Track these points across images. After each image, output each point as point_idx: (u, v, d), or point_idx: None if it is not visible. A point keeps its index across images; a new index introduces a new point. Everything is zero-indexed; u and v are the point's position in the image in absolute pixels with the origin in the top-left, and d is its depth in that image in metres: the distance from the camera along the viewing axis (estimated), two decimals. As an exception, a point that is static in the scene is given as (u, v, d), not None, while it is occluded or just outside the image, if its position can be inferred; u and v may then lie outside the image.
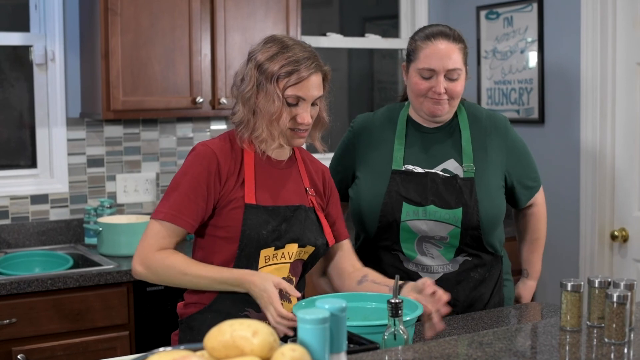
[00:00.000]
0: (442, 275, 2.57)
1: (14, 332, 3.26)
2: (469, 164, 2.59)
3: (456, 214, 2.53)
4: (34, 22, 4.00)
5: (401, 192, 2.56)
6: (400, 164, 2.61)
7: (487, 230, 2.57)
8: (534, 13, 4.43)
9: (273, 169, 2.37)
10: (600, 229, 4.13)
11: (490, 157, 2.64)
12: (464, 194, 2.55)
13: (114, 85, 3.69)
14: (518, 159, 2.71)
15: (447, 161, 2.61)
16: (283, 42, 2.31)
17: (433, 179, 2.57)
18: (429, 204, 2.54)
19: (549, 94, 4.39)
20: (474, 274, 2.60)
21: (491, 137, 2.66)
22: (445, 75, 2.53)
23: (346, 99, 5.13)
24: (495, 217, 2.59)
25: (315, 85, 2.29)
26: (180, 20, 3.83)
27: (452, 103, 2.58)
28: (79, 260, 3.74)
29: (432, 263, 2.57)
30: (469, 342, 1.93)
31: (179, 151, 4.27)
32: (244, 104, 2.31)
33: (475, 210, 2.54)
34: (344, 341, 1.63)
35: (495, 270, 2.68)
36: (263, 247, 2.29)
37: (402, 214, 2.55)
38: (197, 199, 2.27)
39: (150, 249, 2.27)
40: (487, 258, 2.64)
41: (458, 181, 2.57)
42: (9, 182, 3.94)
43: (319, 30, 4.81)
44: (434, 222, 2.54)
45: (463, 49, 2.57)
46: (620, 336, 1.93)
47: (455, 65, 2.53)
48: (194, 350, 1.65)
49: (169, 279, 2.28)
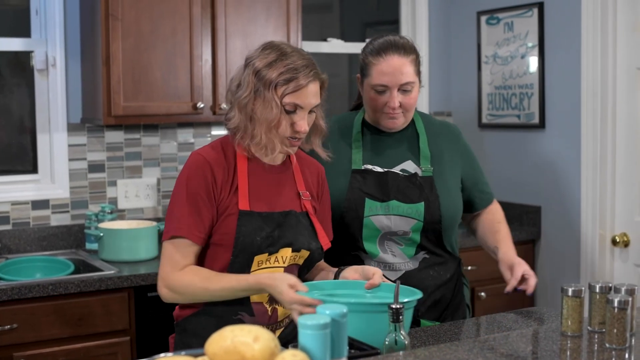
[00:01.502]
0: (403, 272, 2.61)
1: (15, 338, 3.26)
2: (426, 165, 2.66)
3: (418, 208, 2.59)
4: (35, 28, 4.00)
5: (363, 189, 2.61)
6: (360, 164, 2.66)
7: (447, 225, 2.63)
8: (534, 18, 4.44)
9: (266, 174, 2.37)
10: (601, 233, 4.13)
11: (446, 160, 2.71)
12: (424, 189, 2.61)
13: (115, 91, 3.69)
14: (471, 164, 2.80)
15: (404, 162, 2.67)
16: (281, 49, 2.30)
17: (394, 177, 2.63)
18: (391, 199, 2.59)
19: (550, 99, 4.39)
20: (433, 272, 2.65)
21: (446, 142, 2.74)
22: (399, 89, 2.58)
23: (347, 105, 5.13)
24: (454, 214, 2.67)
25: (313, 94, 2.29)
26: (181, 25, 3.83)
27: (407, 115, 2.65)
28: (80, 265, 3.74)
29: (394, 261, 2.62)
30: (469, 347, 1.93)
31: (179, 156, 4.27)
32: (240, 110, 2.30)
33: (437, 205, 2.60)
34: (344, 347, 1.63)
35: (453, 269, 2.72)
36: (257, 254, 2.30)
37: (365, 209, 2.59)
38: (200, 210, 2.28)
39: (170, 271, 2.29)
40: (446, 256, 2.69)
41: (418, 178, 2.63)
42: (9, 187, 3.95)
43: (319, 36, 4.81)
44: (397, 217, 2.58)
45: (415, 60, 2.61)
46: (621, 341, 1.92)
47: (408, 79, 2.57)
48: (195, 355, 1.65)
49: (194, 296, 2.30)
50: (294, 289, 2.15)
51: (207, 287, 2.26)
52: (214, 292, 2.26)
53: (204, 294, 2.27)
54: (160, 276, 2.31)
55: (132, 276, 3.45)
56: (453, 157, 2.73)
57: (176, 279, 2.27)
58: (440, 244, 2.66)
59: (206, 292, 2.27)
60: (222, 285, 2.25)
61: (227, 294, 2.27)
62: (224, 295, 2.27)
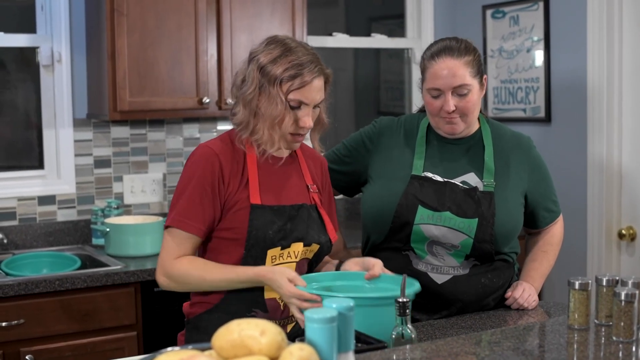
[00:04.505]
0: (452, 276, 2.56)
1: (22, 333, 3.26)
2: (489, 180, 2.57)
3: (471, 224, 2.51)
4: (40, 24, 4.00)
5: (418, 196, 2.54)
6: (420, 171, 2.59)
7: (499, 243, 2.55)
8: (540, 12, 4.43)
9: (275, 167, 2.36)
10: (607, 227, 4.12)
11: (511, 175, 2.61)
12: (482, 205, 2.52)
13: (121, 86, 3.70)
14: (540, 180, 2.68)
15: (467, 174, 2.59)
16: (286, 44, 2.29)
17: (452, 188, 2.55)
18: (445, 210, 2.52)
19: (556, 93, 4.38)
20: (484, 279, 2.58)
21: (514, 155, 2.64)
22: (454, 92, 2.51)
23: (352, 99, 5.13)
24: (508, 233, 2.57)
25: (318, 89, 2.28)
26: (186, 20, 3.83)
27: (467, 119, 2.56)
28: (86, 261, 3.75)
29: (442, 264, 2.56)
30: (476, 341, 1.93)
31: (185, 151, 4.27)
32: (245, 106, 2.29)
33: (491, 223, 2.51)
34: (351, 340, 1.63)
35: (506, 276, 2.65)
36: (270, 247, 2.29)
37: (417, 216, 2.52)
38: (204, 203, 2.28)
39: (167, 259, 2.30)
40: (498, 264, 2.62)
41: (477, 193, 2.54)
42: (16, 183, 3.95)
43: (325, 30, 4.81)
44: (447, 229, 2.52)
45: (471, 62, 2.52)
46: (628, 334, 1.92)
47: (462, 81, 2.49)
48: (202, 349, 1.65)
49: (190, 285, 2.32)
50: (293, 283, 2.15)
51: (203, 277, 2.27)
52: (212, 282, 2.27)
53: (200, 283, 2.28)
54: (158, 264, 2.34)
55: (139, 271, 3.45)
56: (519, 172, 2.63)
57: (175, 267, 2.28)
58: (491, 258, 2.57)
59: (203, 282, 2.28)
60: (221, 277, 2.26)
61: (225, 284, 2.28)
62: (221, 285, 2.29)
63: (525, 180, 2.64)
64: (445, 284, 2.53)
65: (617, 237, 4.11)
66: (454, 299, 2.53)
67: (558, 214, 2.79)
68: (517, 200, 2.61)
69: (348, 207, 4.65)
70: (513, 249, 2.65)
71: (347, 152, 2.74)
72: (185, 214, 2.28)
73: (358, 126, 4.35)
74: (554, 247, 2.79)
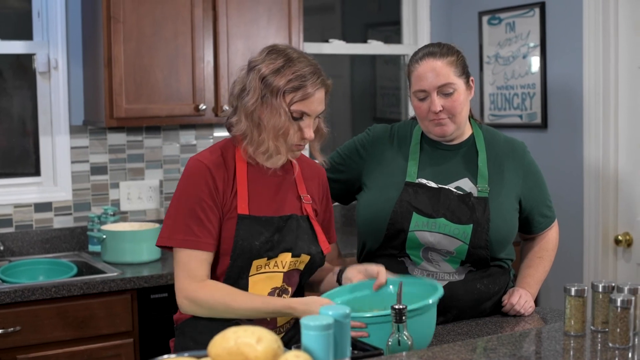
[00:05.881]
0: (447, 282, 2.56)
1: (18, 340, 3.26)
2: (483, 185, 2.57)
3: (466, 230, 2.51)
4: (37, 30, 4.01)
5: (412, 203, 2.54)
6: (414, 177, 2.59)
7: (495, 249, 2.55)
8: (536, 18, 4.44)
9: (267, 177, 2.35)
10: (604, 233, 4.13)
11: (506, 180, 2.61)
12: (476, 211, 2.52)
13: (117, 93, 3.70)
14: (534, 185, 2.68)
15: (461, 180, 2.59)
16: (287, 54, 2.27)
17: (446, 194, 2.55)
18: (440, 217, 2.52)
19: (552, 99, 4.39)
20: (480, 285, 2.58)
21: (508, 161, 2.64)
22: (439, 92, 2.53)
23: (349, 106, 5.13)
24: (504, 238, 2.57)
25: (320, 101, 2.28)
26: (182, 27, 3.83)
27: (455, 120, 2.56)
28: (83, 268, 3.74)
29: (438, 270, 2.56)
30: (472, 348, 1.93)
31: (182, 158, 4.27)
32: (246, 117, 2.27)
33: (486, 229, 2.52)
34: (347, 347, 1.64)
35: (502, 281, 2.65)
36: (255, 258, 2.28)
37: (411, 223, 2.53)
38: (209, 217, 2.26)
39: (188, 283, 2.26)
40: (494, 270, 2.62)
41: (471, 199, 2.55)
42: (12, 190, 3.95)
43: (321, 37, 4.81)
44: (442, 235, 2.52)
45: (454, 62, 2.54)
46: (624, 341, 1.92)
47: (446, 80, 2.51)
48: (198, 357, 1.65)
49: (216, 312, 2.27)
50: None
51: (230, 304, 2.23)
52: (238, 310, 2.23)
53: (225, 310, 2.24)
54: (177, 287, 2.28)
55: (135, 278, 3.45)
56: (514, 178, 2.63)
57: (196, 291, 2.24)
58: (486, 264, 2.58)
59: (227, 309, 2.24)
60: (247, 305, 2.23)
61: (251, 314, 2.25)
62: (247, 314, 2.25)
63: (519, 186, 2.64)
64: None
65: (614, 243, 4.12)
66: (450, 305, 2.53)
67: (553, 219, 2.79)
68: (512, 205, 2.62)
69: (344, 213, 4.65)
70: (509, 256, 2.65)
71: (341, 161, 2.74)
72: (196, 233, 2.25)
73: (354, 132, 4.36)
74: (550, 252, 2.80)
